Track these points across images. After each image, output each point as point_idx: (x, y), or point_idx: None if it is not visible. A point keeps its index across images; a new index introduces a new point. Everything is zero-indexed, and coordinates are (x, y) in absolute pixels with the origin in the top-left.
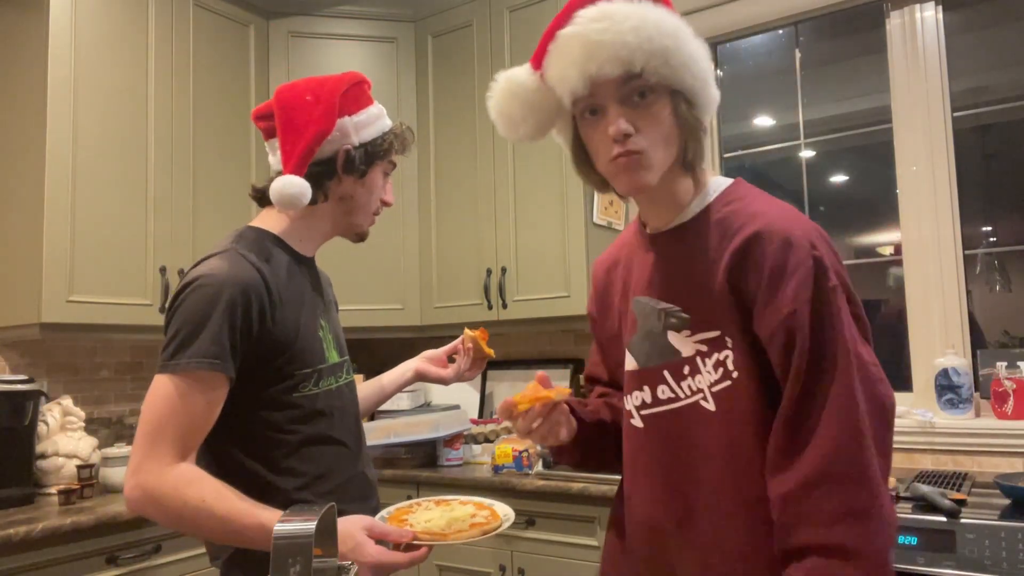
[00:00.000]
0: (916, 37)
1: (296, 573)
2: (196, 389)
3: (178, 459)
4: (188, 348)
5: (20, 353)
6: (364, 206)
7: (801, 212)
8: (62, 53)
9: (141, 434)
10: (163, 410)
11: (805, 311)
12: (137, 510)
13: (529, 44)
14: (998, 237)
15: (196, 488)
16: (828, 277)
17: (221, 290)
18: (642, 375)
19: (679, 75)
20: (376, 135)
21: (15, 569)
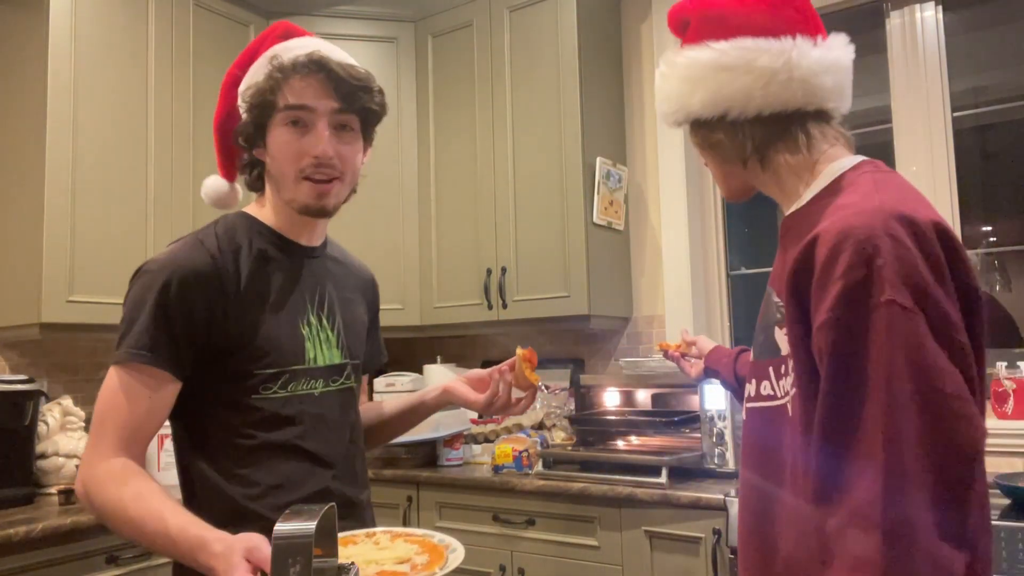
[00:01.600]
0: (916, 37)
1: (296, 573)
2: (136, 381)
3: (115, 454)
4: (125, 339)
5: (20, 353)
6: (283, 174)
7: (897, 204)
8: (62, 53)
9: (92, 425)
10: (105, 403)
11: (834, 325)
12: (82, 503)
13: (529, 44)
14: (998, 237)
15: (117, 486)
16: (880, 288)
17: (156, 278)
18: (755, 368)
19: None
20: (253, 90)
21: (15, 569)
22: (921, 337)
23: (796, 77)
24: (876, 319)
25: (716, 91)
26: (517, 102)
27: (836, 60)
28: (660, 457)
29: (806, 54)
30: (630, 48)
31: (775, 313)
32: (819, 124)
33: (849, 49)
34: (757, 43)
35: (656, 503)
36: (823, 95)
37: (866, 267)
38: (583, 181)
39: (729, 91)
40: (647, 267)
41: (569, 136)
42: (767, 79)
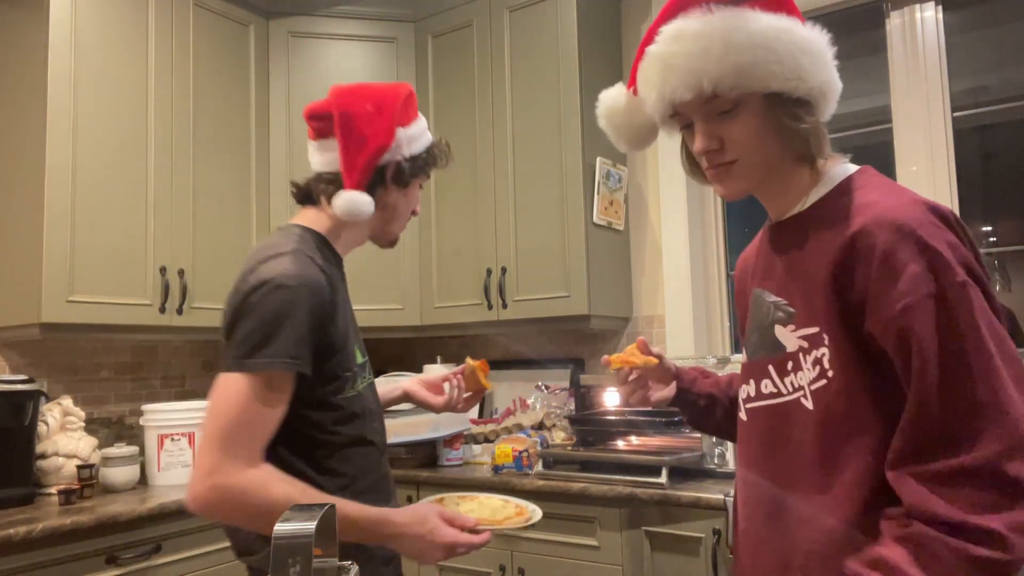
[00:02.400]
0: (916, 37)
1: (296, 573)
2: (271, 388)
3: (255, 459)
4: (266, 348)
5: (20, 353)
6: (403, 215)
7: (922, 198)
8: (62, 53)
9: (214, 434)
10: (238, 409)
11: (927, 306)
12: (208, 510)
13: (529, 44)
14: (998, 237)
15: (284, 485)
16: (952, 271)
17: (299, 291)
18: (750, 368)
19: (764, 82)
20: (422, 149)
21: (15, 569)
22: (987, 311)
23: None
24: (965, 296)
25: (829, 72)
26: (517, 102)
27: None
28: (660, 457)
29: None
30: (630, 48)
31: (774, 312)
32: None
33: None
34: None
35: (656, 503)
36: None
37: (929, 252)
38: (583, 181)
39: (832, 75)
40: (647, 267)
41: (569, 136)
42: (826, 58)
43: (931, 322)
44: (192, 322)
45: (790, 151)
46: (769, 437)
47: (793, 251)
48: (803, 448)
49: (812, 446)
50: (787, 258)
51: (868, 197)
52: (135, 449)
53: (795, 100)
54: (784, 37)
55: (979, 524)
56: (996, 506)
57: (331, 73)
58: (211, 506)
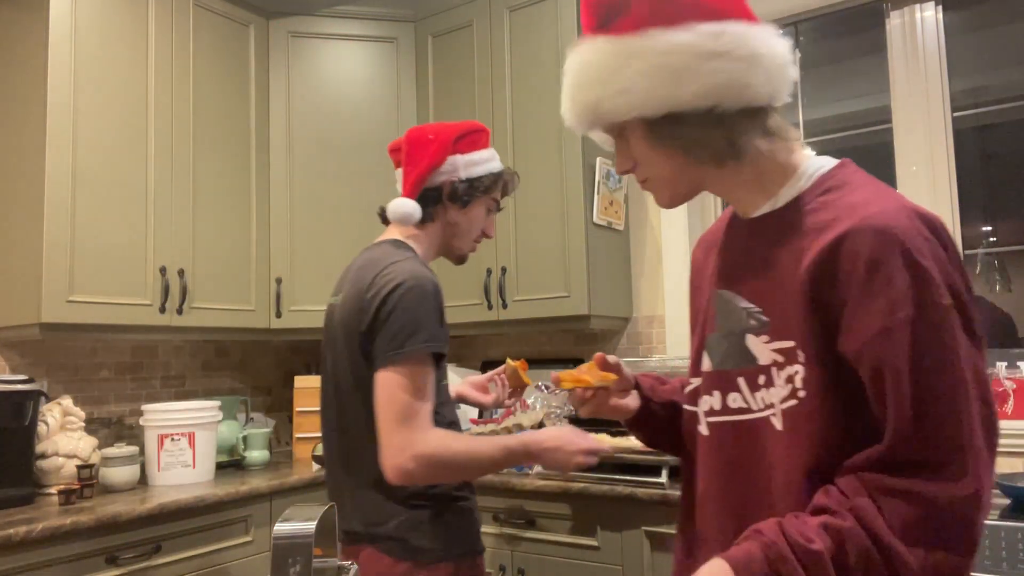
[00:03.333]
0: (916, 37)
1: (296, 573)
2: (427, 368)
3: (430, 427)
4: (415, 336)
5: (20, 353)
6: (465, 233)
7: (912, 204)
8: (62, 53)
9: (396, 416)
10: (408, 391)
11: (903, 333)
12: (413, 479)
13: (529, 44)
14: (998, 237)
15: (456, 441)
16: (938, 292)
17: (426, 288)
18: (716, 378)
19: (631, 109)
20: (483, 174)
21: (15, 569)
22: (965, 341)
23: (774, 65)
24: (946, 323)
25: (710, 80)
26: (517, 102)
27: (786, 48)
28: (660, 457)
29: (777, 41)
30: None
31: (746, 320)
32: (779, 118)
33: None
34: (739, 26)
35: (656, 503)
36: (788, 86)
37: (916, 270)
38: (583, 181)
39: (722, 79)
40: (647, 267)
41: (569, 136)
42: (760, 66)
43: (907, 351)
44: (192, 322)
45: (695, 159)
46: (735, 455)
47: (766, 253)
48: (772, 470)
49: (780, 468)
50: (760, 261)
51: (852, 198)
52: (135, 449)
53: (666, 117)
54: (634, 63)
55: (900, 552)
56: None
57: (331, 73)
58: (415, 475)
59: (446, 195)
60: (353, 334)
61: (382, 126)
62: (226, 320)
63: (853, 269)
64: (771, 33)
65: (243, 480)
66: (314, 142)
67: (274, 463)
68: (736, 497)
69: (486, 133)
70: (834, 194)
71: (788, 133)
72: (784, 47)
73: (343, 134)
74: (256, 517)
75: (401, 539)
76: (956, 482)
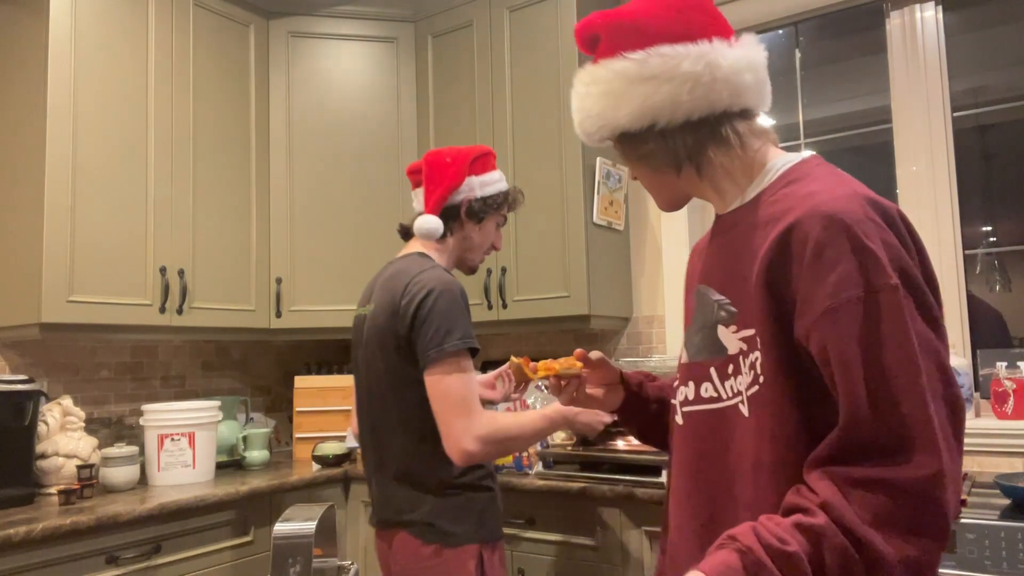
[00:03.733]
0: (916, 37)
1: (296, 573)
2: (468, 361)
3: (480, 411)
4: (453, 335)
5: (20, 353)
6: (479, 246)
7: (866, 191)
8: (62, 53)
9: (454, 406)
10: (458, 384)
11: (849, 313)
12: (478, 459)
13: (529, 44)
14: (998, 237)
15: (503, 418)
16: (884, 272)
17: (455, 291)
18: (690, 369)
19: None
20: (494, 192)
21: (15, 569)
22: (915, 320)
23: (719, 78)
24: (891, 302)
25: (642, 102)
26: (517, 102)
27: (753, 58)
28: (660, 457)
29: (725, 54)
30: None
31: (717, 312)
32: (747, 122)
33: (761, 48)
34: (675, 49)
35: (656, 503)
36: (747, 94)
37: (863, 252)
38: (583, 181)
39: (655, 100)
40: (647, 267)
41: (569, 136)
42: (692, 83)
43: (854, 330)
44: (192, 322)
45: (655, 169)
46: (707, 444)
47: (733, 246)
48: (741, 457)
49: (749, 455)
50: (727, 253)
51: (808, 187)
52: (135, 449)
53: (622, 136)
54: (592, 89)
55: (876, 544)
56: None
57: (331, 73)
58: (478, 455)
59: (464, 212)
60: (388, 338)
61: (382, 126)
62: (226, 320)
63: (802, 254)
64: (721, 50)
65: (243, 480)
66: (314, 142)
67: (274, 463)
68: (707, 484)
69: (494, 156)
70: (794, 186)
71: (751, 136)
72: (737, 59)
73: (343, 134)
74: (256, 517)
75: (430, 524)
76: (917, 464)
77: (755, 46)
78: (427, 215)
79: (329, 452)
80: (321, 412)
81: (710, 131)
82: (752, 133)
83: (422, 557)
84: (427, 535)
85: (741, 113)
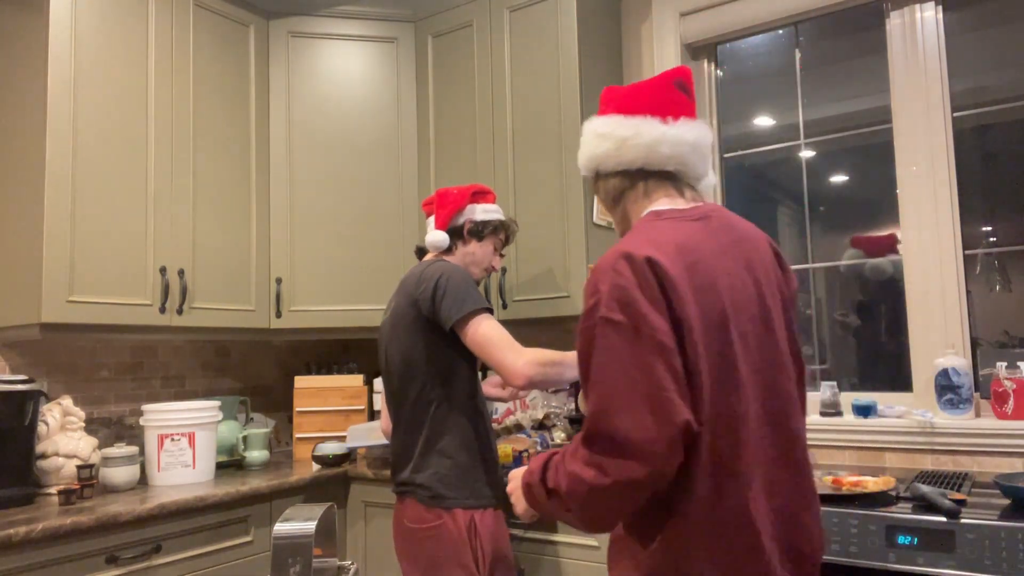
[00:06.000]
0: (916, 37)
1: (296, 573)
2: (490, 317)
3: (520, 346)
4: (468, 301)
5: (20, 353)
6: (479, 262)
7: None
8: (62, 53)
9: (499, 348)
10: (497, 329)
11: (579, 337)
12: (535, 380)
13: (529, 44)
14: (998, 237)
15: (544, 349)
16: (598, 309)
17: (463, 273)
18: None
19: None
20: (491, 218)
21: (15, 569)
22: (628, 341)
23: (640, 144)
24: (598, 330)
25: (592, 150)
26: (517, 102)
27: (677, 136)
28: None
29: (650, 130)
30: (630, 48)
31: None
32: (660, 181)
33: (696, 130)
34: (621, 118)
35: None
36: (661, 160)
37: (596, 294)
38: (583, 181)
39: (599, 151)
40: None
41: (569, 136)
42: (620, 143)
43: (581, 348)
44: (192, 322)
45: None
46: None
47: None
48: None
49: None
50: None
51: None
52: (135, 449)
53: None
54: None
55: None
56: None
57: (331, 73)
58: (535, 377)
59: (466, 231)
60: (410, 323)
61: (382, 126)
62: (226, 320)
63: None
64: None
65: (243, 480)
66: (314, 142)
67: (274, 463)
68: None
69: (494, 194)
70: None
71: (654, 191)
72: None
73: (343, 134)
74: (256, 517)
75: (429, 487)
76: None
77: (689, 128)
78: (436, 231)
79: (329, 452)
80: (321, 412)
81: (630, 181)
82: (659, 190)
83: (425, 518)
84: (427, 499)
85: (660, 174)
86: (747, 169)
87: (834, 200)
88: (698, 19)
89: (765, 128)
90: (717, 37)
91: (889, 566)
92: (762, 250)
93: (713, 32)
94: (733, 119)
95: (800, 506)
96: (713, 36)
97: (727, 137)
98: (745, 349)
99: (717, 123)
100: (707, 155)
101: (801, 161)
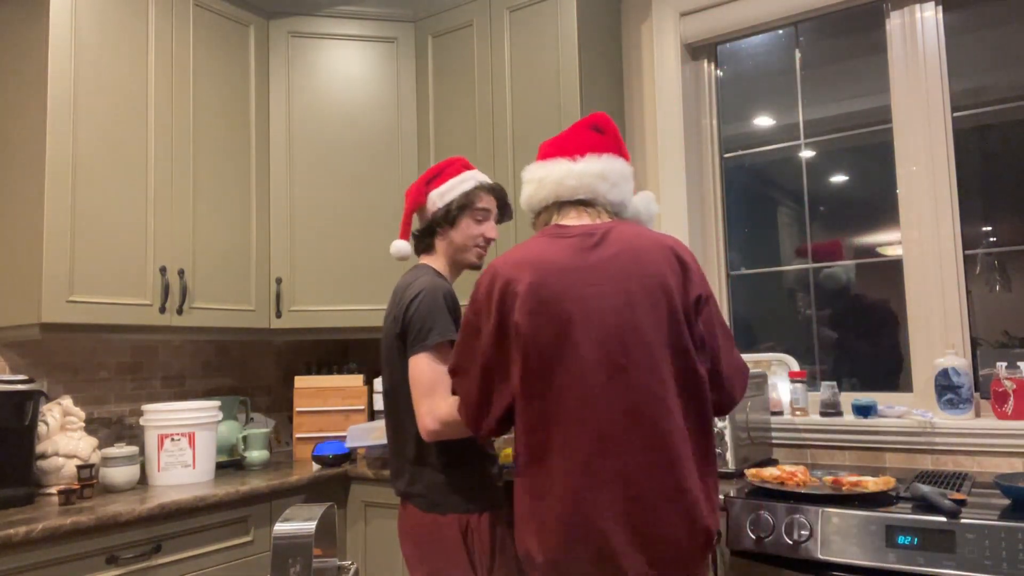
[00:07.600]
0: (916, 37)
1: (296, 573)
2: (444, 354)
3: (448, 398)
4: (433, 331)
5: (20, 353)
6: (463, 245)
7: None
8: (62, 53)
9: (423, 390)
10: (434, 372)
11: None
12: (440, 435)
13: (529, 44)
14: (998, 237)
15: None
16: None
17: (439, 295)
18: None
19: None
20: (453, 197)
21: (15, 569)
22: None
23: (550, 180)
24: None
25: (524, 195)
26: (517, 102)
27: (583, 170)
28: None
29: (558, 168)
30: (630, 48)
31: None
32: (575, 205)
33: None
34: (540, 164)
35: None
36: (570, 191)
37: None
38: None
39: (526, 194)
40: None
41: None
42: (538, 184)
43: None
44: (192, 322)
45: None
46: None
47: None
48: None
49: None
50: None
51: None
52: (135, 449)
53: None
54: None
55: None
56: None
57: (331, 73)
58: (440, 433)
59: (436, 223)
60: (392, 341)
61: (382, 126)
62: (226, 320)
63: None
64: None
65: (243, 480)
66: (314, 142)
67: (274, 463)
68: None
69: (454, 164)
70: None
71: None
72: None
73: (343, 134)
74: (256, 517)
75: (426, 496)
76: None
77: (595, 161)
78: (396, 241)
79: (329, 452)
80: (321, 412)
81: (547, 216)
82: (571, 210)
83: (422, 523)
84: (424, 505)
85: (573, 201)
86: (747, 169)
87: (834, 200)
88: (698, 19)
89: (765, 128)
90: (717, 37)
91: (889, 566)
92: (654, 262)
93: (713, 32)
94: (733, 119)
95: (662, 497)
96: (713, 36)
97: (727, 137)
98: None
99: (717, 123)
100: (620, 183)
101: (801, 161)
